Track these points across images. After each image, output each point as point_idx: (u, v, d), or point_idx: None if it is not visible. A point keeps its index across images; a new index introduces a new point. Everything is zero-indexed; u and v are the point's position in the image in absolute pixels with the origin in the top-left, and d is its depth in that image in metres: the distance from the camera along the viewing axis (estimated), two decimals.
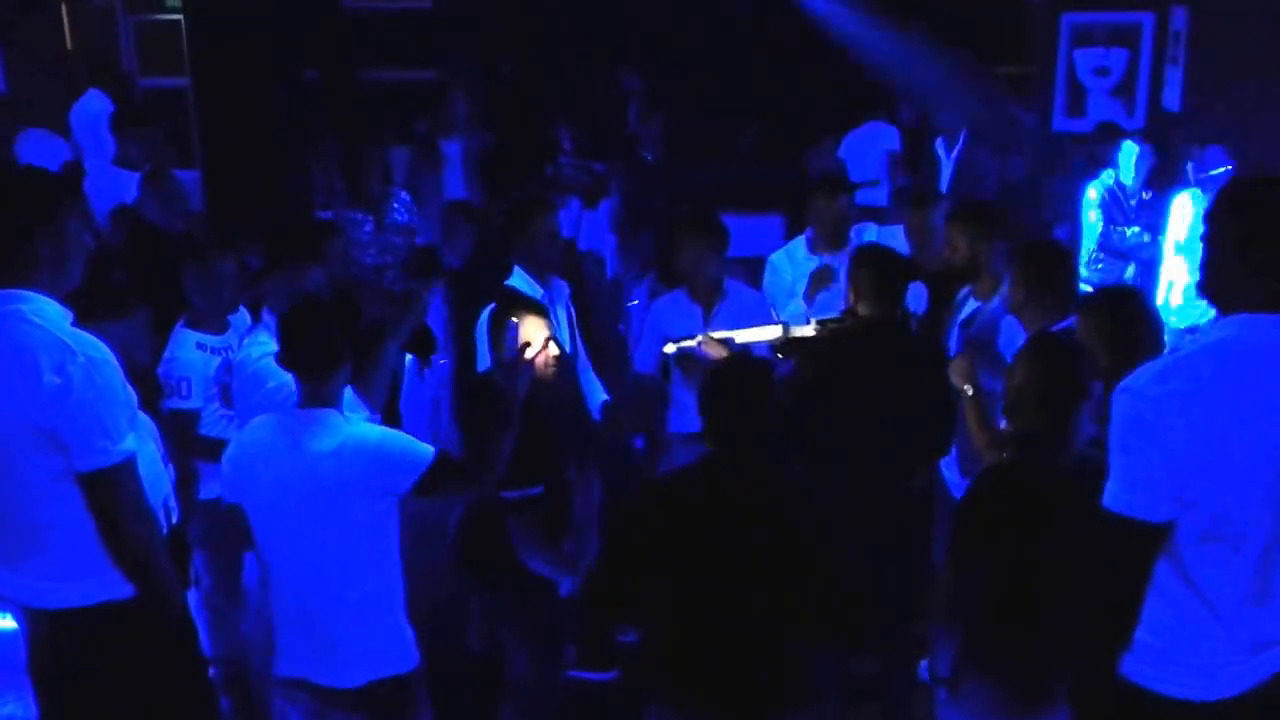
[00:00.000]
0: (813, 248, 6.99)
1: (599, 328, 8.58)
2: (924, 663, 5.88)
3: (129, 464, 3.79)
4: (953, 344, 6.03)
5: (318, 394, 4.15)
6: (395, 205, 8.79)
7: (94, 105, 10.66)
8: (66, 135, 10.76)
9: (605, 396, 6.42)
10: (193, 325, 5.71)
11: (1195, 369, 3.24)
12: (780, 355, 6.00)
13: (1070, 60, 11.17)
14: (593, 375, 6.50)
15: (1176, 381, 3.22)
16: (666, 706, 4.21)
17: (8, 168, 4.80)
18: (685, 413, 6.14)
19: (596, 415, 6.31)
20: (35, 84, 11.93)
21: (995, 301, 5.93)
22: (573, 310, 6.44)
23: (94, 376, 3.70)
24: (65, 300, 3.86)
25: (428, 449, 4.16)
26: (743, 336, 6.12)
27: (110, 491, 3.77)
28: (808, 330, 5.93)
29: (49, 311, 3.76)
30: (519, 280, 6.06)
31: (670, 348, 6.14)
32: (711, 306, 6.63)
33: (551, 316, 5.34)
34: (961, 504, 4.30)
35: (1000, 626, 4.16)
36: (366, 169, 8.93)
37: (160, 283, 5.92)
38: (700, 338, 6.06)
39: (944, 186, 9.61)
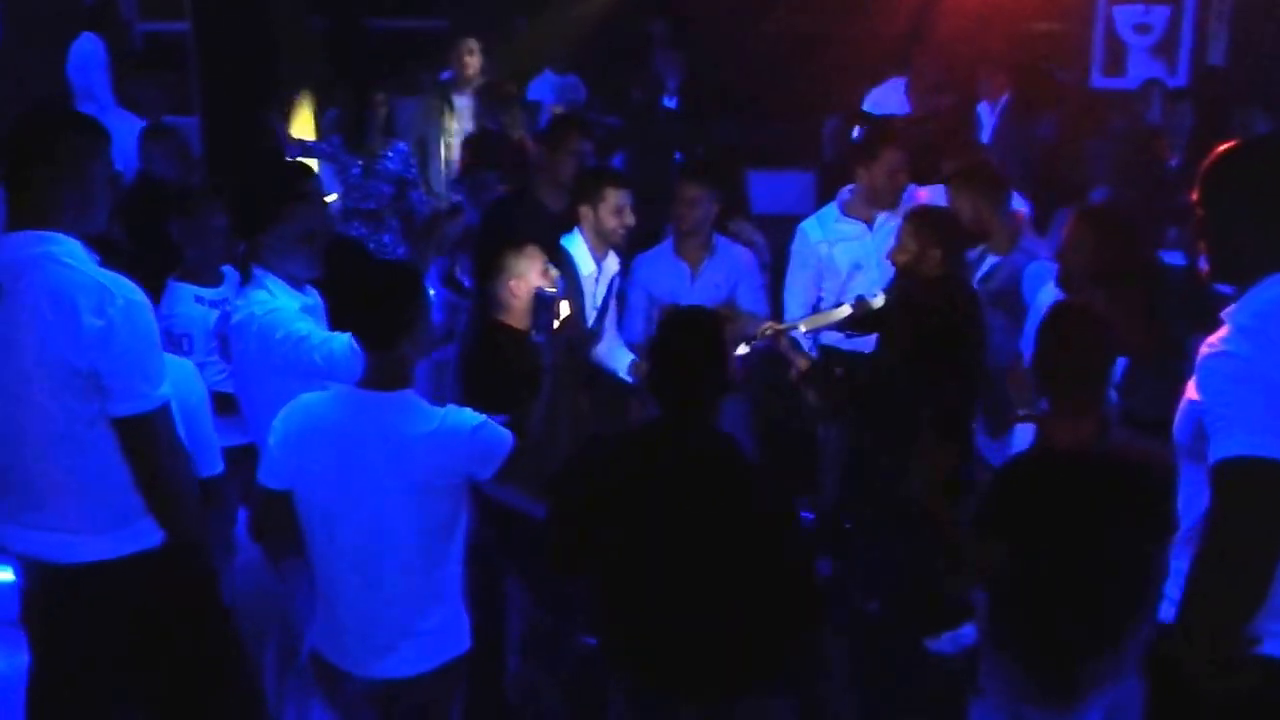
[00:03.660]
0: (849, 210, 6.61)
1: None
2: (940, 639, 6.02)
3: (166, 409, 3.76)
4: None
5: (389, 371, 3.90)
6: (389, 154, 8.70)
7: (87, 48, 10.37)
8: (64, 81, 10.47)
9: (632, 357, 6.21)
10: (187, 279, 5.61)
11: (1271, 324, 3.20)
12: (851, 333, 5.72)
13: (1109, 17, 10.89)
14: (622, 346, 6.28)
15: (1260, 337, 3.18)
16: (622, 677, 4.08)
17: (37, 106, 4.71)
18: None
19: (627, 376, 6.15)
20: (33, 30, 11.59)
21: (1015, 255, 5.96)
22: (616, 284, 6.28)
23: (134, 319, 3.68)
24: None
25: (508, 434, 3.97)
26: (809, 323, 5.82)
27: (149, 436, 3.74)
28: (878, 303, 5.60)
29: (79, 253, 3.72)
30: (575, 246, 5.97)
31: (742, 349, 5.67)
32: (698, 264, 6.34)
33: (587, 291, 5.35)
34: (994, 483, 4.17)
35: (1024, 608, 4.04)
36: (367, 117, 8.78)
37: (155, 237, 5.85)
38: (766, 328, 5.68)
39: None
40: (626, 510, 3.89)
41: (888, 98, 10.60)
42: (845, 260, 6.54)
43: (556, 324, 4.70)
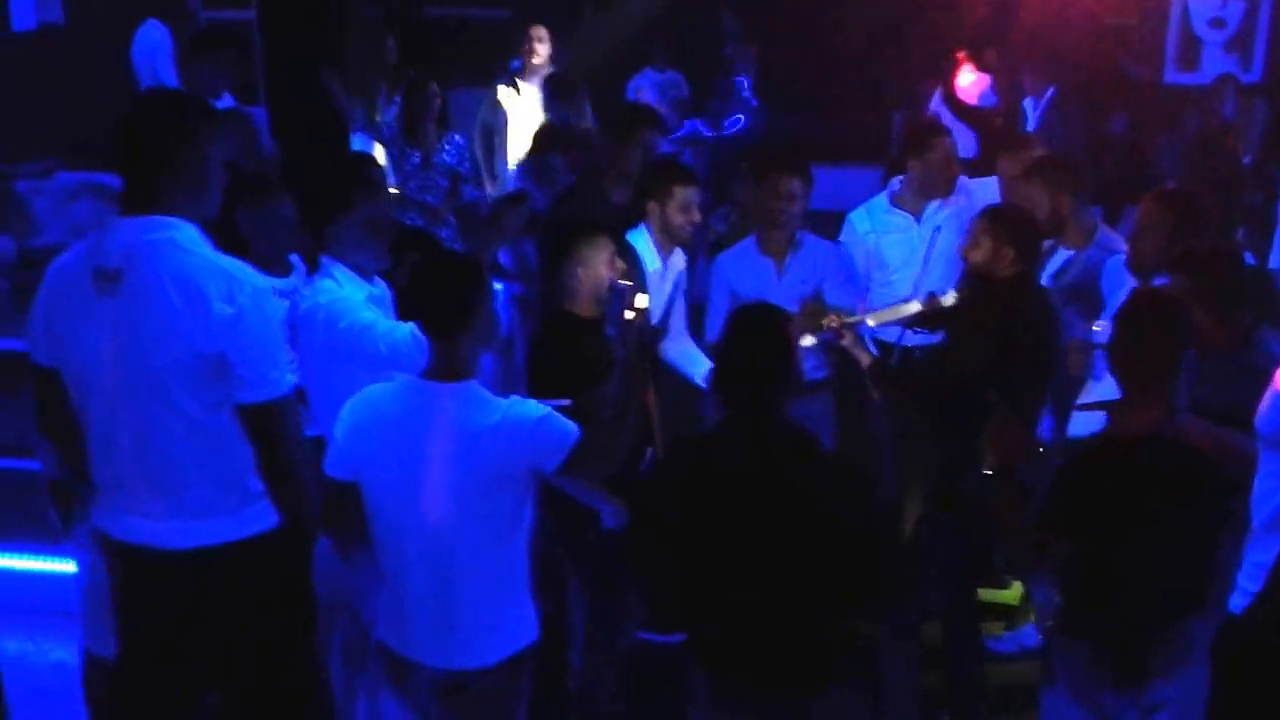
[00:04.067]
0: (898, 202, 6.56)
1: None
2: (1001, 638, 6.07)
3: (292, 395, 3.83)
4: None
5: (453, 362, 3.88)
6: (446, 146, 8.73)
7: (153, 36, 10.39)
8: (127, 66, 10.47)
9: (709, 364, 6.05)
10: (255, 268, 5.44)
11: None
12: (918, 329, 5.70)
13: (1184, 11, 10.74)
14: (693, 346, 6.21)
15: None
16: (704, 676, 4.04)
17: (151, 92, 4.75)
18: None
19: (701, 380, 6.03)
20: (93, 15, 11.62)
21: (1091, 250, 5.88)
22: (684, 280, 6.24)
23: (263, 306, 3.74)
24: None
25: (573, 426, 3.92)
26: (877, 317, 5.74)
27: (276, 422, 3.78)
28: (948, 300, 5.51)
29: (199, 239, 3.75)
30: (641, 242, 5.90)
31: (808, 340, 5.55)
32: (783, 259, 6.22)
33: (652, 288, 5.30)
34: (1062, 469, 4.12)
35: (1096, 593, 4.03)
36: (425, 108, 8.83)
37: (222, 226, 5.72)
38: (830, 320, 5.59)
39: None
40: (707, 510, 3.85)
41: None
42: (892, 252, 6.51)
43: (630, 315, 4.66)
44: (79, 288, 3.73)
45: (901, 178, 6.61)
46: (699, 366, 6.03)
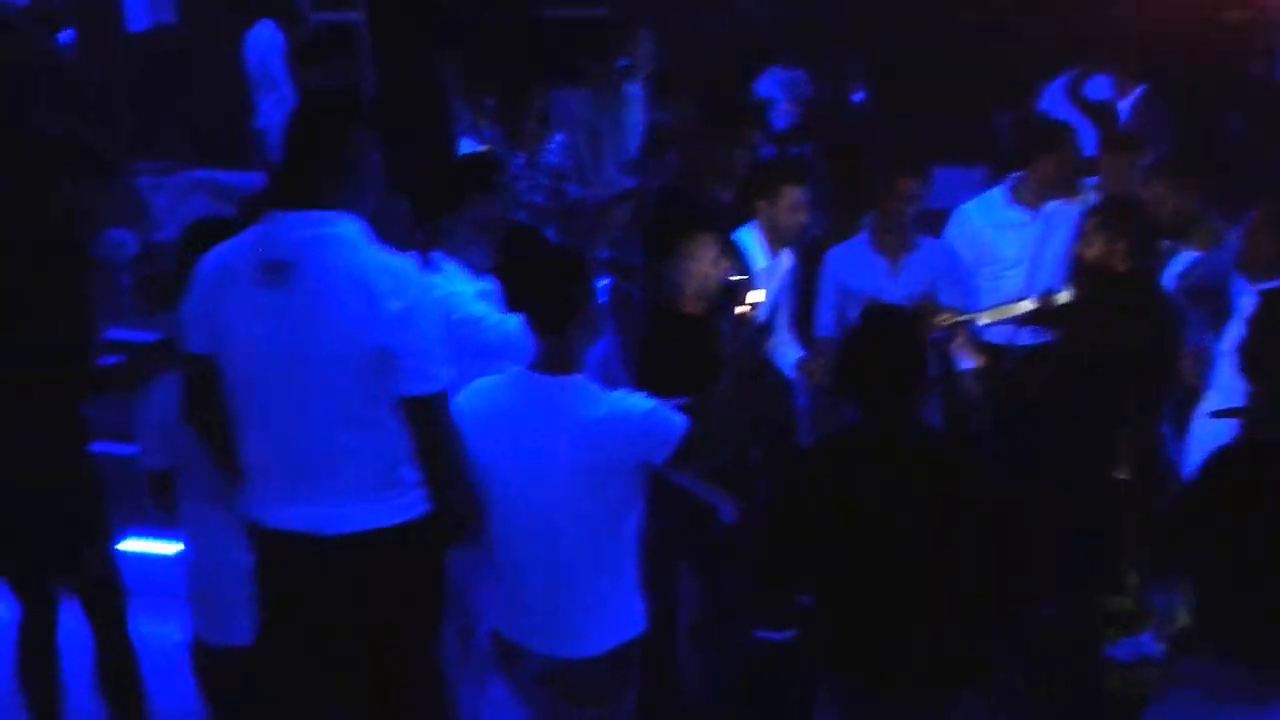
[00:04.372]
0: (1017, 197, 6.47)
1: None
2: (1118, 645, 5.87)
3: (448, 389, 3.88)
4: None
5: (561, 355, 3.96)
6: (550, 146, 8.69)
7: (266, 36, 10.50)
8: (238, 66, 10.60)
9: (800, 353, 6.15)
10: None
11: None
12: (1029, 326, 5.58)
13: None
14: (791, 340, 6.22)
15: None
16: (837, 678, 4.05)
17: (319, 91, 4.90)
18: None
19: (790, 373, 6.11)
20: (206, 14, 11.78)
21: (1218, 252, 5.74)
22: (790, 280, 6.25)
23: (429, 302, 3.84)
24: None
25: (681, 418, 3.95)
26: (992, 315, 5.68)
27: (436, 415, 3.84)
28: (1063, 297, 5.45)
29: (364, 235, 3.85)
30: (750, 241, 5.93)
31: None
32: (899, 258, 6.16)
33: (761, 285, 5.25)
34: (1200, 474, 3.74)
35: (1234, 600, 3.62)
36: (527, 108, 8.75)
37: None
38: (944, 318, 5.56)
39: None
40: (847, 511, 3.86)
41: (1059, 96, 10.37)
42: (1007, 248, 6.43)
43: (743, 310, 4.65)
44: (243, 279, 3.81)
45: (1021, 173, 6.53)
46: (789, 355, 6.08)
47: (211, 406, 3.97)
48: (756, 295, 4.78)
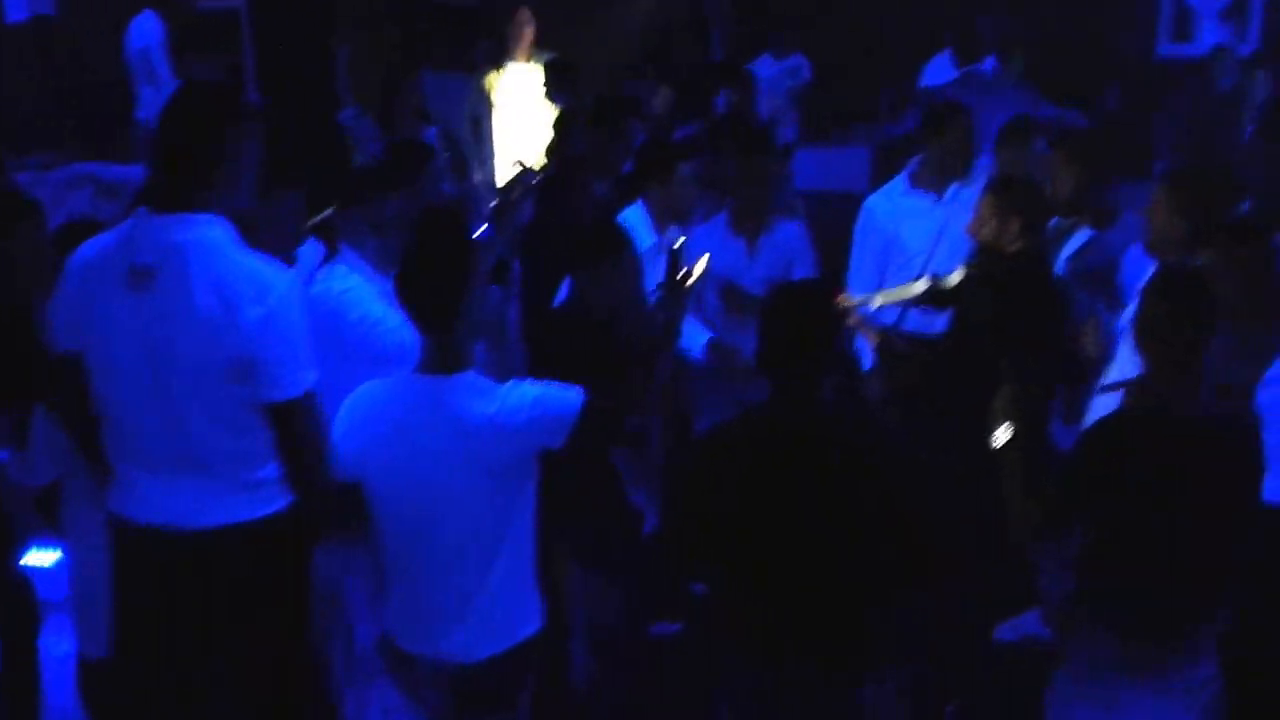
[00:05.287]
0: (917, 183, 6.46)
1: None
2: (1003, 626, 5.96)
3: (315, 390, 3.84)
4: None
5: (446, 354, 3.84)
6: (424, 139, 8.54)
7: (147, 26, 10.38)
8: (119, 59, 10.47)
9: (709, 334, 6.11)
10: None
11: None
12: (923, 308, 5.70)
13: None
14: (694, 321, 6.11)
15: None
16: (737, 666, 4.00)
17: (191, 84, 4.76)
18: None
19: (698, 354, 6.07)
20: (84, 6, 11.62)
21: (1112, 232, 5.78)
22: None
23: (292, 307, 3.76)
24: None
25: (574, 393, 3.89)
26: (884, 298, 5.75)
27: (300, 418, 3.82)
28: (955, 278, 5.53)
29: (231, 239, 3.77)
30: (636, 220, 5.91)
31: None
32: (755, 240, 6.25)
33: (649, 263, 5.20)
34: (1081, 445, 4.04)
35: (1115, 574, 3.94)
36: (400, 97, 8.79)
37: None
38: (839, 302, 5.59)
39: None
40: (746, 498, 3.83)
41: (942, 70, 10.50)
42: (912, 236, 6.39)
43: (679, 280, 4.59)
44: (110, 280, 3.76)
45: (920, 157, 6.51)
46: (697, 338, 6.04)
47: (77, 404, 3.95)
48: (701, 263, 4.74)
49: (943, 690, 5.47)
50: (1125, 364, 4.33)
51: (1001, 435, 4.14)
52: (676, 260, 4.59)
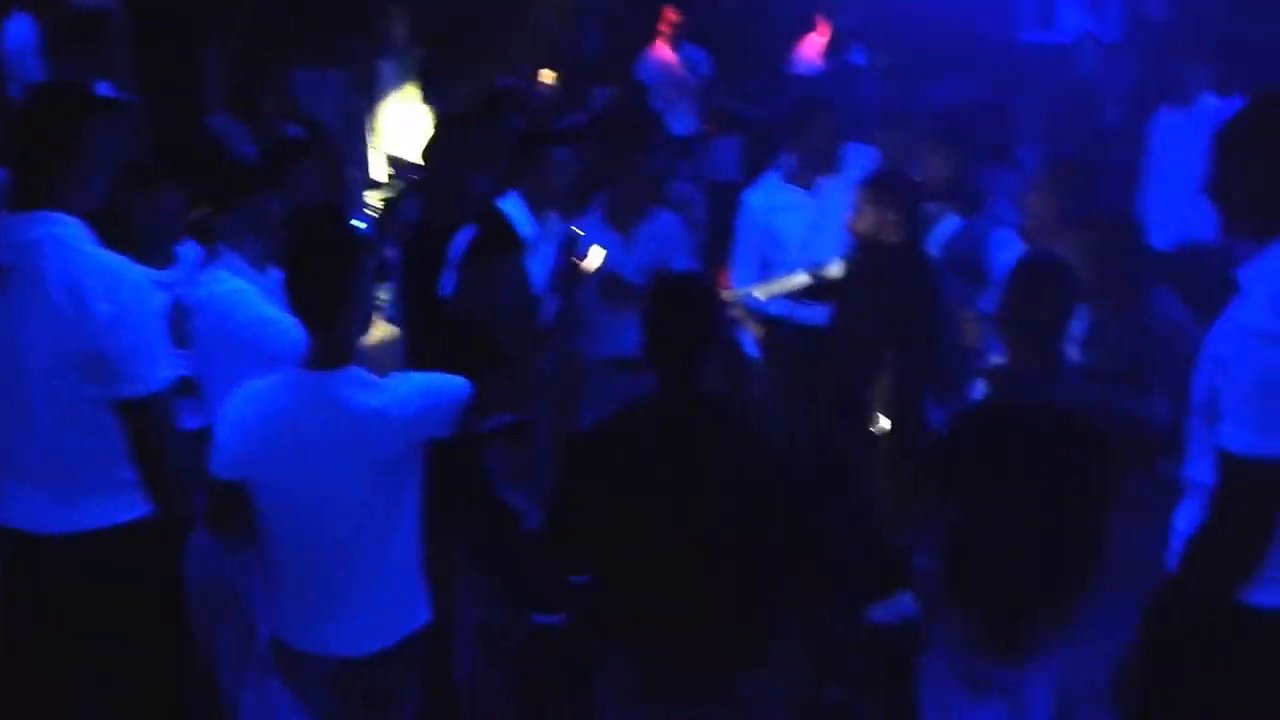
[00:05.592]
0: (790, 179, 6.62)
1: None
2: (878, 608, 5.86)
3: (167, 389, 3.89)
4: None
5: (331, 348, 3.83)
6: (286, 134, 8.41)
7: (22, 27, 10.17)
8: None
9: None
10: (138, 261, 5.36)
11: None
12: (805, 301, 5.77)
13: None
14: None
15: None
16: (625, 662, 4.02)
17: (45, 84, 4.72)
18: (603, 339, 6.03)
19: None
20: None
21: (980, 219, 5.89)
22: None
23: (143, 303, 3.80)
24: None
25: (460, 382, 3.91)
26: (765, 291, 5.82)
27: (153, 417, 3.85)
28: (834, 271, 5.63)
29: (84, 235, 3.80)
30: (513, 208, 5.84)
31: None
32: (629, 231, 6.32)
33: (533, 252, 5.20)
34: (946, 432, 4.21)
35: (977, 559, 4.06)
36: (265, 90, 8.57)
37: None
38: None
39: None
40: (631, 488, 3.85)
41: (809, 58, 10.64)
42: (787, 230, 6.51)
43: (575, 268, 4.61)
44: None
45: (790, 155, 6.62)
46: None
47: None
48: (598, 252, 4.75)
49: (819, 673, 5.53)
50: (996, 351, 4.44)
51: (881, 424, 4.23)
52: (570, 251, 4.61)
